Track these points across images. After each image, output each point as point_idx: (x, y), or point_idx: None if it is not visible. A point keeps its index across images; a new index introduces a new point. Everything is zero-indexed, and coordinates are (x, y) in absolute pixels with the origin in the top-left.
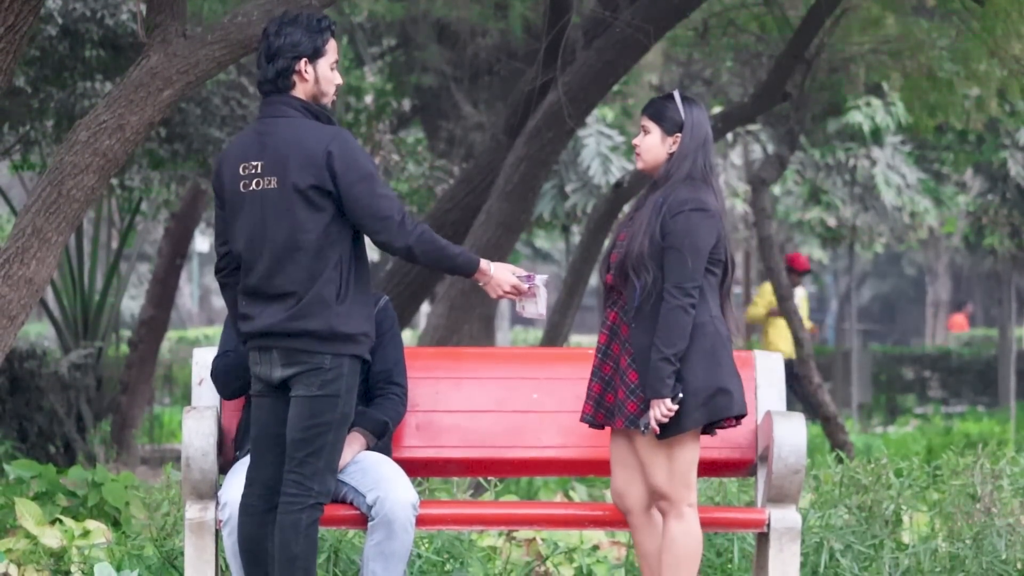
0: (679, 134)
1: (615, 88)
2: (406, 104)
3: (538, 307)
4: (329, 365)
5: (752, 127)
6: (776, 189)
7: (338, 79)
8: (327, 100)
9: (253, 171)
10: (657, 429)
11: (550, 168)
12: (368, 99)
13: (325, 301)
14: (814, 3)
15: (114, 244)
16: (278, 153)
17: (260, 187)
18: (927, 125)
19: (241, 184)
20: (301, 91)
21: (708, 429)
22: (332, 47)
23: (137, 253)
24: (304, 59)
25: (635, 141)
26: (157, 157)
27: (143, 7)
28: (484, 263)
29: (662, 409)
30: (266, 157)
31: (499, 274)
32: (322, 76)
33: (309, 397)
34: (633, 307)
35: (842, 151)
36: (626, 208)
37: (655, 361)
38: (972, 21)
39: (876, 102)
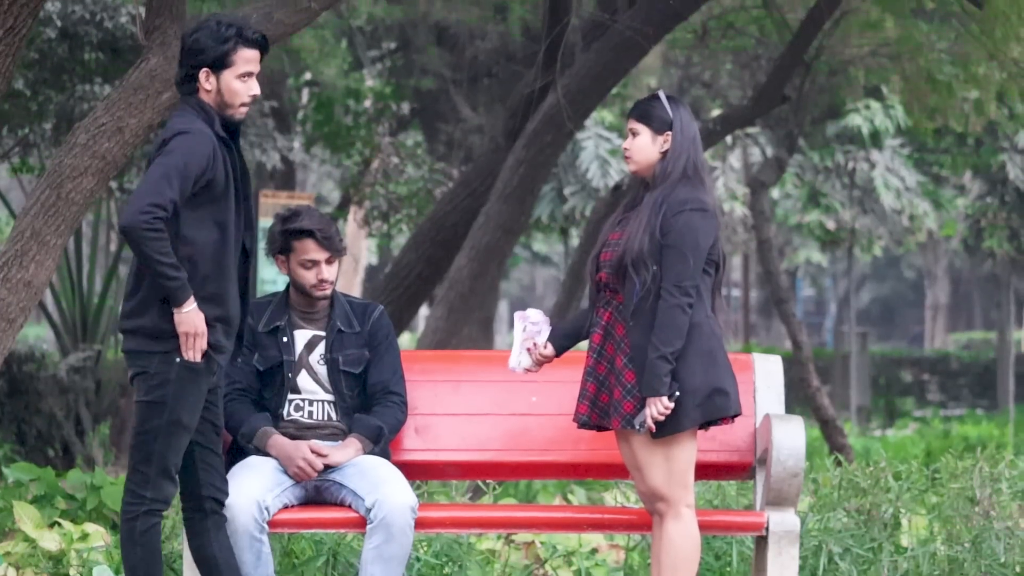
0: (669, 132)
1: (614, 91)
2: (405, 107)
3: (519, 360)
4: (155, 369)
5: (751, 130)
6: (775, 192)
7: (253, 90)
8: (233, 112)
9: None
10: (653, 427)
11: (549, 171)
12: (367, 102)
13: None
14: (813, 6)
15: (113, 247)
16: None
17: None
18: (926, 128)
19: None
20: (206, 99)
21: (703, 426)
22: (244, 58)
23: None
24: (205, 69)
25: (624, 145)
26: None
27: (142, 10)
28: (191, 305)
29: (659, 407)
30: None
31: (191, 323)
32: (225, 88)
33: (138, 402)
34: (632, 305)
35: (841, 154)
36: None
37: (652, 359)
38: (971, 24)
39: (875, 105)
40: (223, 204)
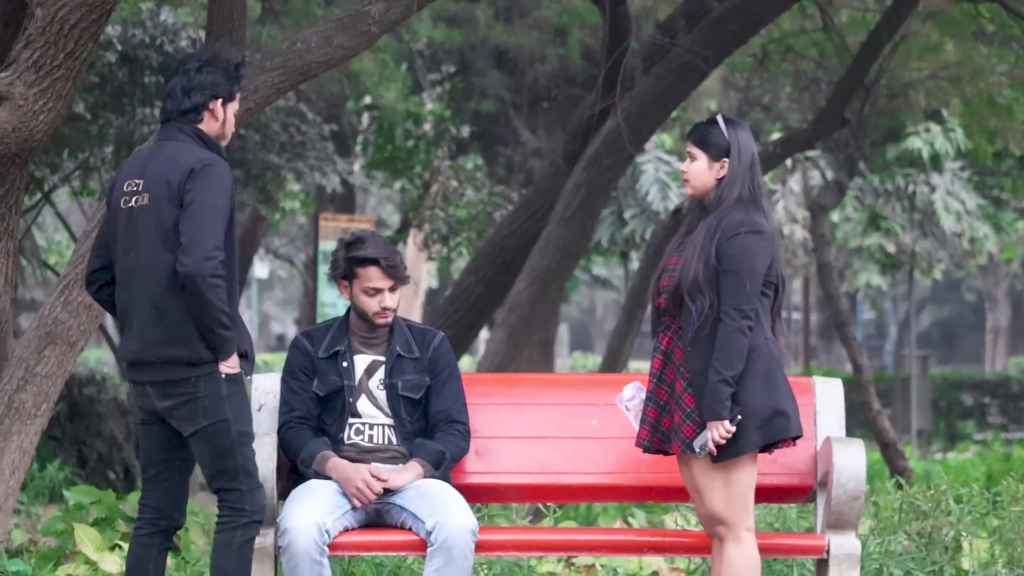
0: (726, 159)
1: (674, 114)
2: (465, 130)
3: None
4: (204, 391)
5: (811, 153)
6: (835, 215)
7: (234, 128)
8: (226, 142)
9: (135, 188)
10: (715, 451)
11: (609, 194)
12: (427, 125)
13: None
14: (873, 29)
15: None
16: (157, 171)
17: (137, 204)
18: (986, 151)
19: (122, 200)
20: (207, 127)
21: (765, 449)
22: (238, 98)
23: None
24: (220, 99)
25: (682, 167)
26: None
27: (202, 34)
28: (236, 361)
29: (720, 431)
30: (147, 176)
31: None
32: (228, 119)
33: (197, 431)
34: (690, 331)
35: (901, 177)
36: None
37: (713, 383)
38: None
39: (935, 128)
40: (230, 231)
